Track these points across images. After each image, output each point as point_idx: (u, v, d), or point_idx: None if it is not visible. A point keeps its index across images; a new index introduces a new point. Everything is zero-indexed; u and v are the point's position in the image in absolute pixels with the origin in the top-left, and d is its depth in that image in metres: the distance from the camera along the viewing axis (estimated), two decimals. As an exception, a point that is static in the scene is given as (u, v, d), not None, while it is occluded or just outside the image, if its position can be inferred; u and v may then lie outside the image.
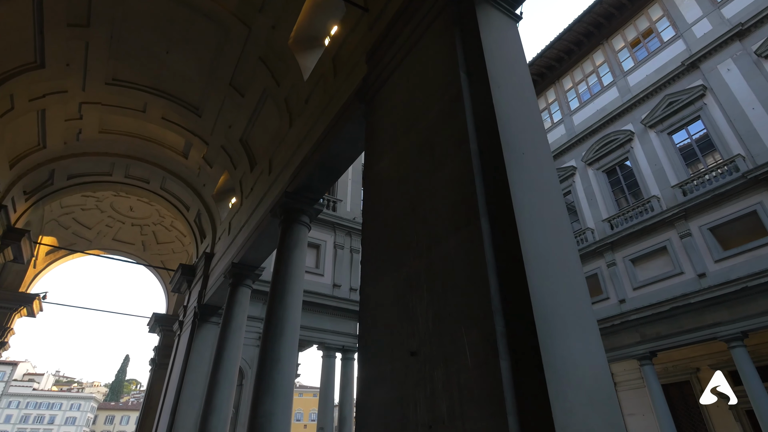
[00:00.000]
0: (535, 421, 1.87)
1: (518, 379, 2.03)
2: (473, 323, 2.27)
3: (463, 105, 2.94)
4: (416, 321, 2.69)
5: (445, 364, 2.35)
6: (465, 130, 2.84)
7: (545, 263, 2.29)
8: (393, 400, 2.64)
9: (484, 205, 2.54)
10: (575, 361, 2.05)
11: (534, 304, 2.07)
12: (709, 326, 13.06)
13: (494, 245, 2.41)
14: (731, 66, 14.69)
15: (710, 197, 13.78)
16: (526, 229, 2.31)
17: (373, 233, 3.61)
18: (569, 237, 2.53)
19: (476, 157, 2.72)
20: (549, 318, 2.09)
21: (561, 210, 2.61)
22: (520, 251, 2.22)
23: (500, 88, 2.91)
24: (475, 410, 2.07)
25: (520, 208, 2.38)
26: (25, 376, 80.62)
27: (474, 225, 2.49)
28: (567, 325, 2.15)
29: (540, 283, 2.17)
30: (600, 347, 2.20)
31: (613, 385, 2.05)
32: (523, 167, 2.60)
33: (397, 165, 3.58)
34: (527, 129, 2.86)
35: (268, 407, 5.35)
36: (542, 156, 2.80)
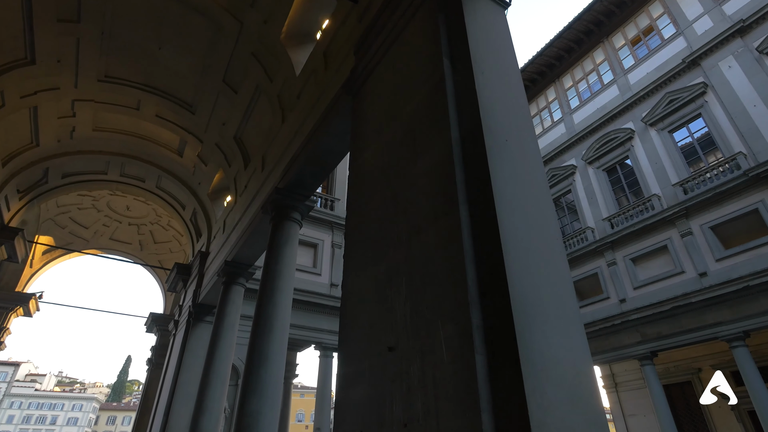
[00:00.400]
0: (511, 418, 1.76)
1: (494, 374, 1.91)
2: (449, 316, 2.16)
3: (445, 92, 2.83)
4: (395, 315, 2.58)
5: (422, 360, 2.24)
6: (446, 117, 2.73)
7: (526, 253, 2.18)
8: (370, 398, 2.53)
9: (465, 193, 2.43)
10: (556, 356, 1.93)
11: (512, 296, 1.96)
12: (711, 326, 12.91)
13: (473, 235, 2.30)
14: (732, 63, 14.53)
15: (711, 195, 13.63)
16: (506, 217, 2.20)
17: (355, 226, 3.51)
18: (553, 227, 2.42)
19: (457, 144, 2.61)
20: (528, 311, 1.98)
21: (545, 199, 2.50)
22: (500, 240, 2.10)
23: (484, 74, 2.80)
24: (450, 407, 1.96)
25: (500, 195, 2.27)
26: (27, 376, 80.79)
27: (453, 214, 2.38)
28: (548, 319, 2.03)
29: (519, 274, 2.06)
30: (584, 342, 2.09)
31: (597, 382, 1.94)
32: (505, 154, 2.49)
33: (380, 156, 3.47)
34: (512, 116, 2.75)
35: (255, 406, 5.24)
36: (527, 143, 2.68)
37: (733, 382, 15.82)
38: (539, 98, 22.32)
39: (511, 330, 1.89)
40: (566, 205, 19.35)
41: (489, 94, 2.71)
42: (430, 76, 3.08)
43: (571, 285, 2.25)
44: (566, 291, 2.20)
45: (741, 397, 15.29)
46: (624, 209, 16.23)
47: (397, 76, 3.64)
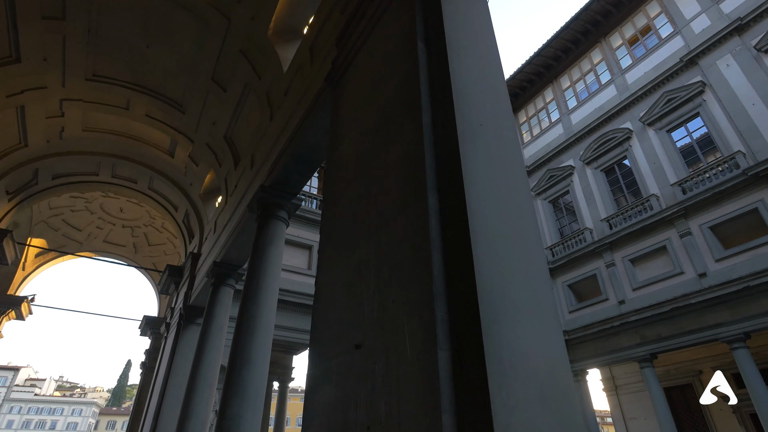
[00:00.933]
0: (474, 419, 1.60)
1: (459, 371, 1.76)
2: (414, 310, 2.01)
3: (418, 75, 2.69)
4: (363, 311, 2.43)
5: (387, 357, 2.09)
6: (418, 101, 2.59)
7: (498, 243, 2.02)
8: (337, 399, 2.38)
9: (434, 180, 2.28)
10: (527, 352, 1.78)
11: (479, 288, 1.80)
12: (711, 327, 12.71)
13: (442, 223, 2.15)
14: (730, 61, 14.41)
15: (710, 195, 13.47)
16: (477, 205, 2.05)
17: (329, 221, 3.37)
18: (529, 216, 2.27)
19: (429, 129, 2.47)
20: (497, 303, 1.83)
21: (521, 187, 2.35)
22: (468, 229, 1.95)
23: (459, 57, 2.66)
24: (412, 407, 1.81)
25: (471, 183, 2.12)
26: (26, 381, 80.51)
27: (420, 202, 2.23)
28: (519, 312, 1.88)
29: (489, 265, 1.91)
30: (559, 337, 1.93)
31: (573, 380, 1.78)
32: (479, 139, 2.34)
33: (354, 147, 3.33)
34: (488, 100, 2.61)
35: (237, 410, 5.07)
36: (503, 128, 2.53)
37: (734, 384, 15.61)
38: (537, 99, 22.20)
39: (477, 324, 1.73)
40: (564, 206, 19.19)
41: (464, 77, 2.57)
42: (405, 60, 2.94)
43: (546, 277, 2.10)
44: (541, 283, 2.05)
45: (742, 400, 15.08)
46: (622, 210, 16.07)
47: (375, 63, 3.51)
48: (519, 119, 22.91)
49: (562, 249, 17.91)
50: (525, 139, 22.23)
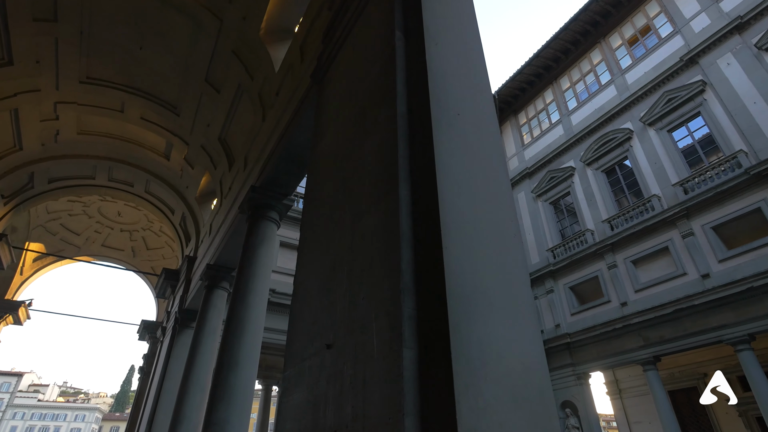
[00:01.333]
0: (439, 422, 1.49)
1: (426, 371, 1.65)
2: (383, 306, 1.90)
3: (394, 65, 2.59)
4: (335, 309, 2.33)
5: (355, 357, 1.98)
6: (393, 90, 2.49)
7: (471, 236, 1.91)
8: (308, 402, 2.27)
9: (407, 171, 2.18)
10: (499, 351, 1.66)
11: (448, 281, 1.69)
12: (714, 329, 12.50)
13: (414, 215, 2.05)
14: (731, 60, 14.26)
15: (712, 195, 13.29)
16: (450, 196, 1.94)
17: (308, 218, 3.27)
18: (508, 209, 2.16)
19: (403, 118, 2.36)
20: (469, 298, 1.71)
21: (500, 177, 2.24)
22: (439, 221, 1.84)
23: (438, 45, 2.56)
24: (377, 410, 1.69)
25: (445, 173, 2.01)
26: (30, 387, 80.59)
27: (392, 194, 2.13)
28: (493, 308, 1.77)
29: (460, 258, 1.79)
30: (535, 335, 1.82)
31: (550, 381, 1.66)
32: (455, 128, 2.24)
33: (334, 141, 3.24)
34: (467, 89, 2.51)
35: (223, 414, 4.95)
36: (483, 118, 2.43)
37: (740, 387, 15.37)
38: (537, 100, 22.10)
39: (444, 320, 1.62)
40: (565, 208, 19.03)
41: (441, 65, 2.47)
42: (383, 50, 2.85)
43: (524, 272, 1.99)
44: (518, 278, 1.94)
45: (748, 403, 14.84)
46: (624, 210, 15.90)
47: (356, 57, 3.42)
48: (519, 121, 22.80)
49: (563, 251, 17.74)
50: (525, 140, 22.12)
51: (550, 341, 16.84)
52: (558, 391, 16.29)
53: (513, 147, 22.47)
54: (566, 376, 16.16)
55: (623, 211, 15.90)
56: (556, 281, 17.71)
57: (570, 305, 16.94)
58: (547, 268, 17.81)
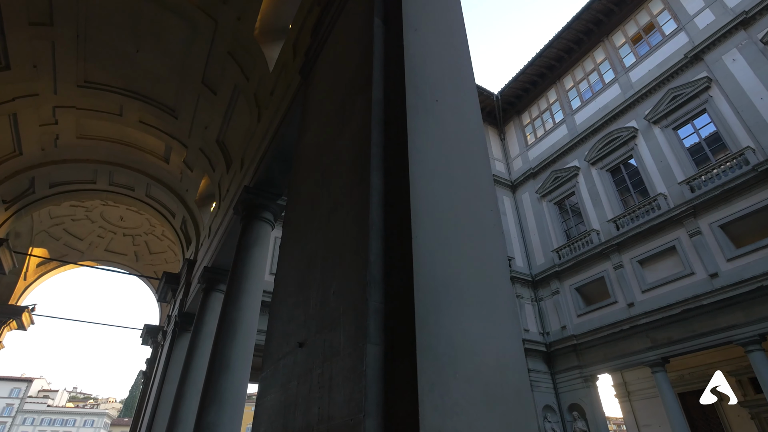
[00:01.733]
0: (402, 423, 1.38)
1: (391, 368, 1.54)
2: (351, 300, 1.80)
3: (371, 51, 2.50)
4: (308, 305, 2.22)
5: (323, 355, 1.87)
6: (370, 77, 2.39)
7: (445, 224, 1.80)
8: (280, 403, 2.16)
9: (380, 159, 2.08)
10: (472, 347, 1.55)
11: (417, 272, 1.58)
12: (724, 329, 12.21)
13: (385, 205, 1.94)
14: (736, 56, 14.03)
15: (719, 193, 13.03)
16: (423, 183, 1.84)
17: (291, 214, 3.17)
18: (488, 198, 2.04)
19: (378, 105, 2.26)
20: (439, 291, 1.60)
21: (480, 165, 2.13)
22: (409, 208, 1.74)
23: (417, 32, 2.46)
24: (340, 410, 1.59)
25: (419, 160, 1.91)
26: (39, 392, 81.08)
27: (364, 183, 2.02)
28: (467, 302, 1.65)
29: (432, 248, 1.68)
30: (514, 330, 1.70)
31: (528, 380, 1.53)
32: (433, 115, 2.14)
33: (316, 135, 3.14)
34: (448, 75, 2.40)
35: (213, 418, 4.85)
36: (463, 105, 2.32)
37: (751, 389, 15.04)
38: (540, 100, 21.92)
39: (411, 314, 1.51)
40: (570, 208, 18.81)
41: (420, 51, 2.37)
42: (362, 39, 2.75)
43: (504, 265, 1.87)
44: (496, 271, 1.82)
45: (760, 405, 14.51)
46: (629, 210, 15.66)
47: (339, 48, 3.33)
48: (523, 121, 22.64)
49: (568, 251, 17.50)
50: (529, 141, 21.93)
51: (556, 343, 16.61)
52: (565, 393, 16.03)
53: (517, 147, 22.30)
54: (573, 379, 15.91)
55: (629, 211, 15.66)
56: (562, 282, 17.48)
57: (576, 306, 16.70)
58: (553, 269, 17.59)
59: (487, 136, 22.71)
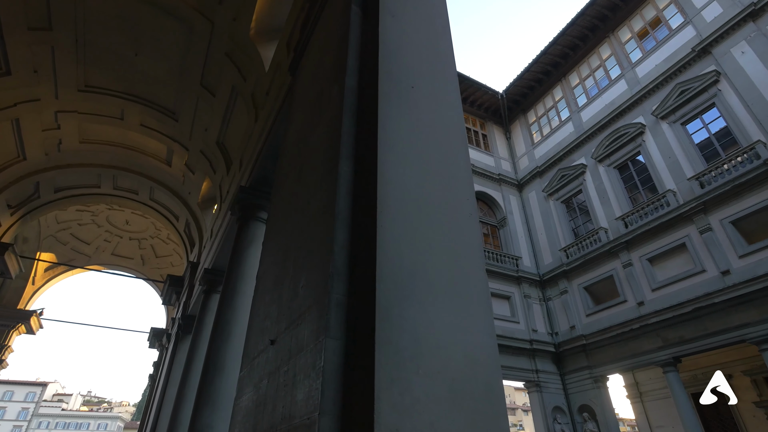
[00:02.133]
0: (359, 422, 1.28)
1: (351, 364, 1.45)
2: (317, 294, 1.71)
3: (347, 39, 2.42)
4: (282, 301, 2.15)
5: (290, 351, 1.79)
6: (344, 65, 2.31)
7: (415, 213, 1.71)
8: (252, 403, 2.08)
9: (351, 147, 1.99)
10: (438, 341, 1.45)
11: (380, 263, 1.49)
12: (737, 328, 11.91)
13: (354, 194, 1.86)
14: (746, 48, 13.74)
15: (730, 188, 12.74)
16: (391, 170, 1.75)
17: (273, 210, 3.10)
18: (464, 186, 1.95)
19: (351, 93, 2.18)
20: (405, 282, 1.51)
21: (457, 153, 2.03)
22: (376, 196, 1.65)
23: (395, 18, 2.37)
24: (299, 409, 1.50)
25: (388, 145, 1.82)
26: (54, 396, 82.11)
27: (333, 172, 1.94)
28: (436, 294, 1.56)
29: (399, 237, 1.59)
30: (486, 324, 1.60)
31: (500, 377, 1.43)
32: (407, 101, 2.05)
33: (298, 128, 3.07)
34: (426, 62, 2.31)
35: (207, 420, 4.80)
36: (441, 92, 2.23)
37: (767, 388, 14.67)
38: (546, 98, 21.69)
39: (372, 305, 1.42)
40: (577, 206, 18.55)
41: (397, 37, 2.28)
42: (340, 28, 2.68)
43: (478, 256, 1.77)
44: (469, 261, 1.72)
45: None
46: (638, 207, 15.38)
47: (321, 40, 3.26)
48: (528, 120, 22.42)
49: (576, 250, 17.25)
50: (535, 139, 21.71)
51: (565, 343, 16.36)
52: (575, 394, 15.78)
53: (523, 146, 22.09)
54: (583, 379, 15.65)
55: (637, 208, 15.39)
56: (570, 282, 17.22)
57: (585, 306, 16.44)
58: (561, 269, 17.35)
59: (492, 135, 22.52)
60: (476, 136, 22.05)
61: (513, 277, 17.48)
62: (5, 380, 72.80)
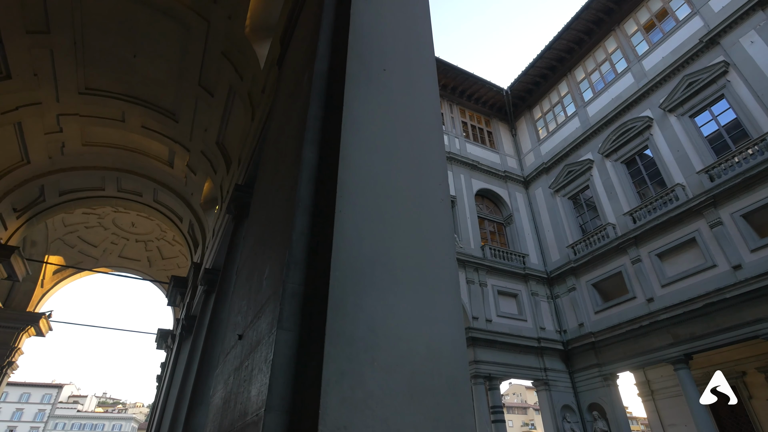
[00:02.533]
0: (306, 418, 1.20)
1: (305, 358, 1.37)
2: (274, 284, 1.63)
3: (320, 23, 2.34)
4: (250, 293, 2.07)
5: (251, 346, 1.71)
6: (315, 50, 2.23)
7: (378, 198, 1.63)
8: (221, 401, 2.01)
9: (317, 132, 1.91)
10: (398, 332, 1.36)
11: (337, 249, 1.41)
12: (749, 323, 11.64)
13: (317, 180, 1.78)
14: (755, 38, 13.44)
15: (740, 181, 12.47)
16: (355, 153, 1.66)
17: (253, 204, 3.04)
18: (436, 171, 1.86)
19: (321, 77, 2.10)
20: (364, 269, 1.43)
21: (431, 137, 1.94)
22: (336, 182, 1.57)
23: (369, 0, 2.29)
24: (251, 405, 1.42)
25: (353, 128, 1.73)
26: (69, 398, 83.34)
27: (297, 157, 1.87)
28: (398, 282, 1.47)
29: (358, 223, 1.51)
30: (454, 315, 1.51)
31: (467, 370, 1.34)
32: (377, 84, 1.96)
33: (278, 121, 3.00)
34: (400, 44, 2.23)
35: (201, 419, 4.75)
36: (416, 75, 2.14)
37: (783, 386, 14.34)
38: (551, 94, 21.45)
39: (326, 294, 1.34)
40: (585, 202, 18.30)
41: (369, 20, 2.20)
42: (316, 12, 2.60)
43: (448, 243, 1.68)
44: (438, 249, 1.63)
45: (792, 403, 13.80)
46: (646, 202, 15.12)
47: (302, 30, 3.18)
48: (534, 116, 22.18)
49: (584, 246, 17.01)
50: (541, 135, 21.47)
51: (573, 341, 16.14)
52: (584, 393, 15.55)
53: (529, 143, 21.86)
54: (592, 377, 15.42)
55: (646, 203, 15.13)
56: (578, 279, 16.99)
57: (593, 303, 16.20)
58: (568, 266, 17.12)
59: (498, 133, 22.31)
60: (481, 134, 21.87)
61: (520, 275, 17.29)
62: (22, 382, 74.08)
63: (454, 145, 19.92)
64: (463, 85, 21.43)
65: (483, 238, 18.06)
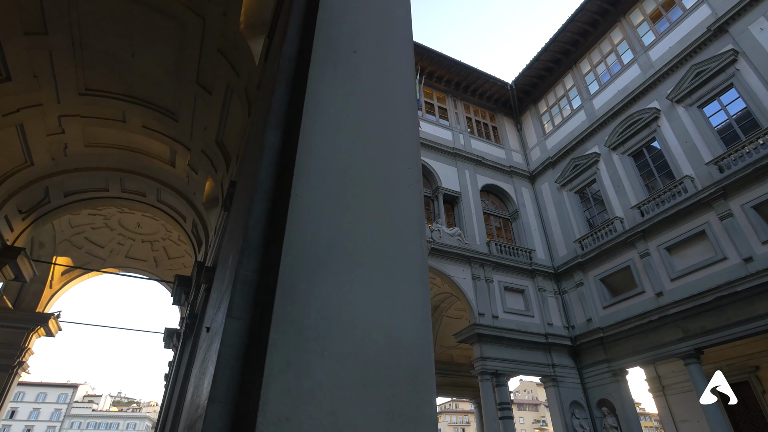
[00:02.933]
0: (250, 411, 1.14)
1: (254, 348, 1.30)
2: (230, 272, 1.57)
3: (291, 6, 2.28)
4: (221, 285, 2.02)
5: (211, 338, 1.65)
6: (284, 33, 2.17)
7: (340, 181, 1.55)
8: (191, 395, 1.96)
9: (282, 116, 1.84)
10: (353, 320, 1.29)
11: (289, 234, 1.34)
12: (761, 317, 11.39)
13: (281, 165, 1.71)
14: (764, 25, 13.14)
15: (751, 171, 12.20)
16: (317, 137, 1.59)
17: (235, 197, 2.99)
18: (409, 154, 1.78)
19: (289, 62, 2.03)
20: (320, 255, 1.36)
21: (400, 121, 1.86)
22: (294, 165, 1.50)
23: (342, -18, 2.21)
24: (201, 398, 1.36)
25: (316, 111, 1.66)
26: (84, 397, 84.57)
27: (260, 142, 1.80)
28: (356, 267, 1.40)
29: (315, 207, 1.44)
30: (417, 302, 1.43)
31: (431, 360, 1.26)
32: (346, 67, 1.89)
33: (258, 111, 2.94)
34: (373, 25, 2.15)
35: (196, 417, 4.75)
36: (389, 57, 2.06)
37: (798, 381, 14.03)
38: (557, 87, 21.19)
39: (275, 281, 1.27)
40: (591, 196, 18.06)
41: (340, 2, 2.12)
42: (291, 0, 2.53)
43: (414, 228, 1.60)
44: (402, 234, 1.55)
45: (807, 398, 13.50)
46: (654, 195, 14.87)
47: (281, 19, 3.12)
48: (539, 110, 21.93)
49: (591, 241, 16.79)
50: (547, 129, 21.23)
51: (581, 336, 15.95)
52: (593, 389, 15.36)
53: (534, 137, 21.63)
54: (601, 373, 15.22)
55: (654, 196, 14.88)
56: (586, 273, 16.78)
57: (601, 298, 15.99)
58: (576, 260, 16.91)
59: (503, 128, 22.10)
60: (486, 129, 21.68)
61: (527, 271, 17.11)
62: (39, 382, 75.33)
63: (459, 141, 19.78)
64: (467, 80, 21.25)
65: (489, 234, 17.90)
